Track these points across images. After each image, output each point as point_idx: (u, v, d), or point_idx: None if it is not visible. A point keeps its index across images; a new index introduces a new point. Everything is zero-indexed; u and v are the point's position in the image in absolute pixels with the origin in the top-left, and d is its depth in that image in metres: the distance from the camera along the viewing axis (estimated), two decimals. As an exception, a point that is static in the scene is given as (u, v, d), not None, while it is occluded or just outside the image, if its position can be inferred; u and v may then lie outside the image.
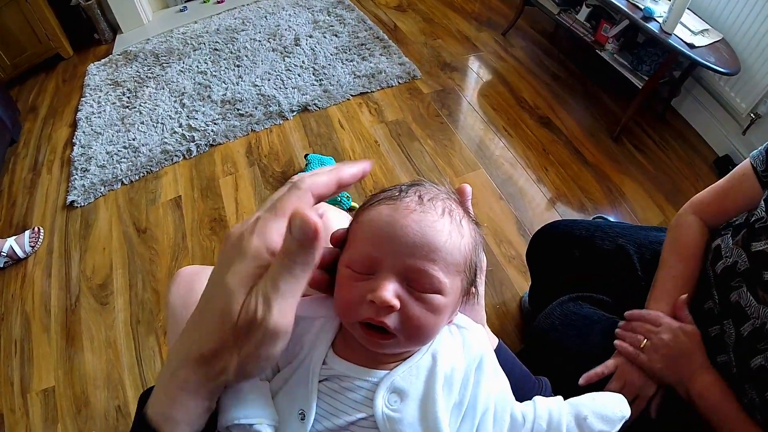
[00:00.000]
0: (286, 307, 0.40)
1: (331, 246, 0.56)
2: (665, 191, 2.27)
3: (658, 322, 0.96)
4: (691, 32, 2.17)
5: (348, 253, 0.53)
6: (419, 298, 0.49)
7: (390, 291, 0.47)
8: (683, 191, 2.25)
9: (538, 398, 0.56)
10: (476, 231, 0.56)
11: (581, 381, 0.97)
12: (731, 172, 1.05)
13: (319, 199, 0.46)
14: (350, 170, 0.49)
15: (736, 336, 0.88)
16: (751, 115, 2.20)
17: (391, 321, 0.48)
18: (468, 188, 0.60)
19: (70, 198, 2.32)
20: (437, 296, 0.50)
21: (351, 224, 0.56)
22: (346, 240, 0.55)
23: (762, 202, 0.92)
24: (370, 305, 0.48)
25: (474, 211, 1.82)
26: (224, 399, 0.50)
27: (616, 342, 0.99)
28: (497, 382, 0.55)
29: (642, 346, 0.95)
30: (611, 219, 2.09)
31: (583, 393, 0.57)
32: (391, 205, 0.52)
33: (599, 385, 0.97)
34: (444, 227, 0.51)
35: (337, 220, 0.93)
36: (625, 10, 2.28)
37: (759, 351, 0.82)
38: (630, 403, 0.93)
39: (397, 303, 0.47)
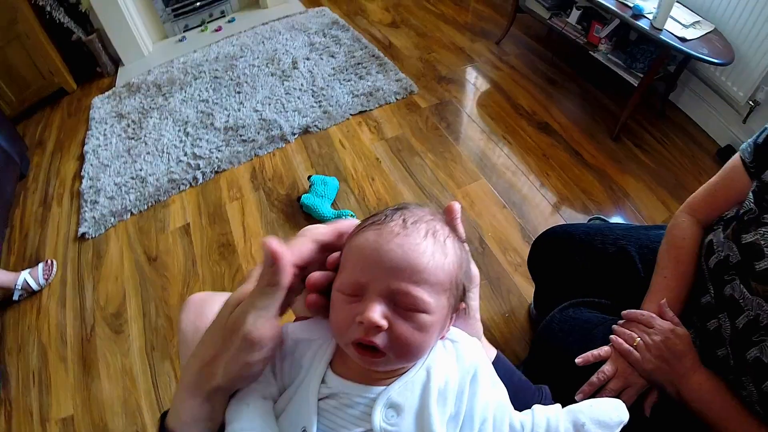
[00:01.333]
0: (258, 319, 0.49)
1: (328, 270, 0.59)
2: (669, 187, 2.28)
3: (650, 324, 0.98)
4: (682, 25, 2.18)
5: (339, 278, 0.55)
6: (406, 317, 0.51)
7: (377, 312, 0.49)
8: (686, 186, 2.25)
9: (536, 407, 0.57)
10: (462, 249, 0.58)
11: (578, 360, 0.99)
12: (723, 168, 1.06)
13: (321, 246, 0.57)
14: (347, 223, 0.59)
15: (731, 329, 0.89)
16: (750, 102, 2.20)
17: (380, 340, 0.50)
18: (456, 206, 0.61)
19: (81, 230, 2.36)
20: (424, 315, 0.52)
21: (343, 249, 0.58)
22: (339, 263, 0.58)
23: (750, 193, 0.92)
24: (359, 326, 0.50)
25: (477, 221, 1.84)
26: (228, 414, 0.54)
27: (611, 336, 1.01)
28: (494, 393, 0.56)
29: (635, 344, 0.97)
30: (609, 220, 2.10)
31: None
32: (377, 230, 0.54)
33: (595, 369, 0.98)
34: (427, 249, 0.53)
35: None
36: (615, 9, 2.30)
37: (754, 343, 0.83)
38: (621, 394, 0.93)
39: (384, 323, 0.49)
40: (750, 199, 0.91)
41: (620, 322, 1.05)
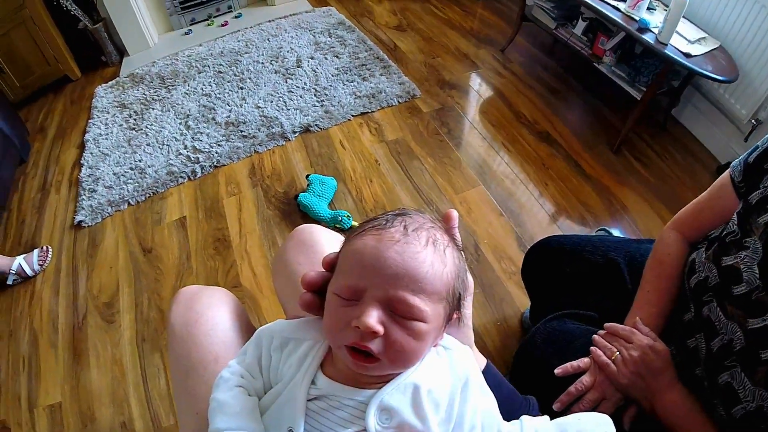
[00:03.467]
0: None
1: (323, 270, 0.59)
2: (667, 202, 2.26)
3: (630, 339, 0.96)
4: (687, 41, 2.17)
5: (336, 281, 0.56)
6: (402, 324, 0.51)
7: (374, 317, 0.49)
8: (685, 201, 2.16)
9: (525, 417, 0.57)
10: (460, 258, 0.58)
11: (557, 371, 0.98)
12: (713, 184, 1.03)
13: None
14: None
15: (706, 351, 0.87)
16: (753, 121, 2.19)
17: (375, 345, 0.50)
18: (454, 214, 0.61)
19: (78, 218, 2.36)
20: (419, 323, 0.52)
21: (340, 251, 0.58)
22: (336, 265, 0.58)
23: (735, 214, 0.89)
24: (355, 330, 0.50)
25: (474, 228, 1.84)
26: (212, 411, 0.54)
27: (591, 348, 1.00)
28: (484, 401, 0.56)
29: (613, 358, 0.95)
30: (614, 232, 2.07)
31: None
32: (377, 235, 0.54)
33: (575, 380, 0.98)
34: (426, 258, 0.52)
35: (329, 243, 0.96)
36: (621, 22, 2.29)
37: (726, 368, 0.82)
38: (598, 406, 0.92)
39: (380, 329, 0.49)
40: (734, 220, 0.89)
41: (601, 332, 1.03)
